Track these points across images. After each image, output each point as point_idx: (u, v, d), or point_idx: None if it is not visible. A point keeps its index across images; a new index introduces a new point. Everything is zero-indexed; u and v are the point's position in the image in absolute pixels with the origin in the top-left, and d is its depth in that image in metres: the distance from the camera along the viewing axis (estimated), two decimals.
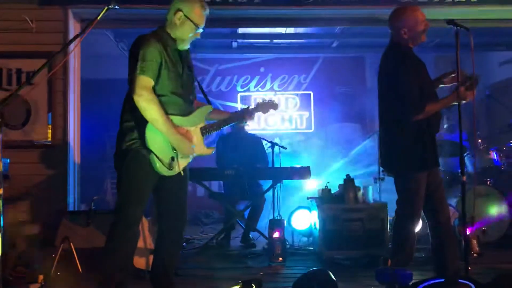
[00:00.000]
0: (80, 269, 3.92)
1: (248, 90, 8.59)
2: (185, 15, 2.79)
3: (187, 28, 2.82)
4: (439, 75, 3.43)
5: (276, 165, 5.36)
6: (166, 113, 2.75)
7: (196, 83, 3.12)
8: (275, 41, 7.11)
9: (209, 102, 3.15)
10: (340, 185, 4.57)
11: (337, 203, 4.46)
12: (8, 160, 4.00)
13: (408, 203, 3.23)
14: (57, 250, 3.92)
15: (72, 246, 3.95)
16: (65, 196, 4.67)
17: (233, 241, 5.51)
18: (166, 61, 2.75)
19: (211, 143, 7.72)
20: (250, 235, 5.51)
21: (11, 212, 4.43)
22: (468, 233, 4.29)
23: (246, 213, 5.50)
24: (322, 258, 4.38)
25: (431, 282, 2.07)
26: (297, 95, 8.61)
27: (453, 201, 5.24)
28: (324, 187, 4.55)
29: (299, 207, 5.18)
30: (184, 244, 5.53)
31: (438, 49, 7.70)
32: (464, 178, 3.04)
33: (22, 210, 4.54)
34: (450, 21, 3.10)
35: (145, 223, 4.04)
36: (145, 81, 2.66)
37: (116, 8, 2.69)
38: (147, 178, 2.80)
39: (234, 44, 7.16)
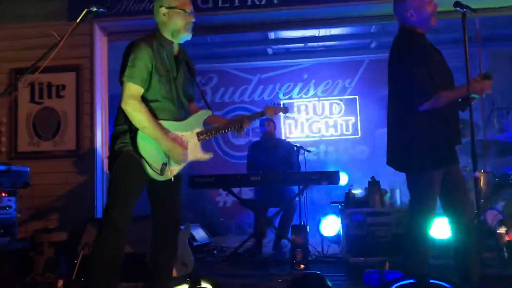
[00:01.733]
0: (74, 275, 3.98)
1: (291, 97, 8.47)
2: (167, 7, 2.77)
3: (175, 17, 2.76)
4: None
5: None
6: (157, 119, 2.72)
7: (195, 88, 3.06)
8: (313, 44, 6.96)
9: (208, 107, 3.07)
10: (365, 188, 4.32)
11: (361, 207, 4.21)
12: (28, 169, 4.16)
13: (419, 204, 2.94)
14: (78, 256, 4.02)
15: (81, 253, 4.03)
16: (93, 203, 4.79)
17: (266, 248, 5.39)
18: (157, 66, 2.72)
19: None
20: (281, 243, 5.36)
21: (41, 220, 4.64)
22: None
23: (278, 220, 5.38)
24: (347, 265, 4.14)
25: (403, 282, 1.85)
26: (341, 100, 8.36)
27: (500, 204, 4.81)
28: (348, 191, 4.31)
29: (329, 213, 4.97)
30: (215, 251, 5.52)
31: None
32: (477, 173, 2.73)
33: (52, 217, 4.71)
34: (457, 3, 2.82)
35: None
36: (132, 89, 2.64)
37: (99, 11, 2.69)
38: (136, 181, 2.77)
39: (269, 51, 7.08)
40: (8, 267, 3.81)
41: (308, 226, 4.46)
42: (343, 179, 6.64)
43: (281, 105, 3.22)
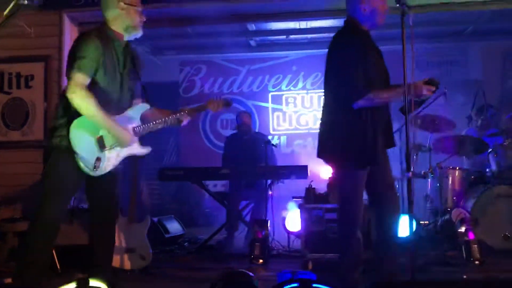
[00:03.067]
0: (58, 266, 4.02)
1: (280, 89, 8.40)
2: (126, 3, 2.81)
3: (132, 13, 2.84)
4: None
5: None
6: None
7: (138, 83, 3.05)
8: (296, 36, 6.88)
9: (147, 102, 3.06)
10: (327, 184, 4.27)
11: (321, 202, 4.16)
12: None
13: (344, 200, 2.97)
14: None
15: None
16: None
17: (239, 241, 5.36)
18: (104, 59, 2.73)
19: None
20: None
21: (6, 210, 4.69)
22: (470, 238, 3.90)
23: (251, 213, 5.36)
24: (305, 261, 4.10)
25: (286, 287, 1.81)
26: None
27: (471, 203, 4.72)
28: (308, 186, 4.26)
29: (293, 208, 4.92)
30: (186, 244, 5.53)
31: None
32: (411, 174, 2.67)
33: (18, 207, 4.75)
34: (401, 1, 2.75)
35: (121, 221, 4.04)
36: (80, 79, 2.66)
37: (25, 4, 2.66)
38: (70, 177, 2.77)
39: (252, 43, 7.02)
40: None
41: (269, 221, 4.42)
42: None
43: (225, 99, 3.18)
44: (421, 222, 5.09)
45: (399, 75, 2.77)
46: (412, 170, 2.68)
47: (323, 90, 3.07)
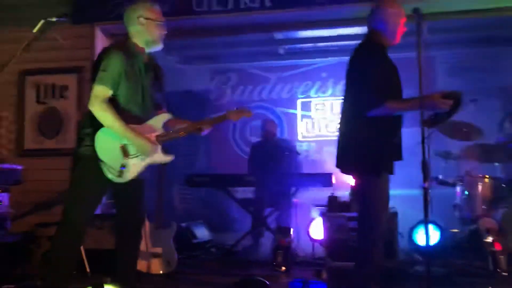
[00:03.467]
0: (88, 269, 4.18)
1: (308, 96, 8.40)
2: (145, 18, 2.92)
3: (153, 28, 2.93)
4: None
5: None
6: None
7: (161, 94, 3.15)
8: (325, 44, 6.88)
9: (169, 112, 3.16)
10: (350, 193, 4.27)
11: (343, 211, 4.17)
12: (21, 167, 4.38)
13: (367, 209, 2.94)
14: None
15: (82, 247, 4.22)
16: None
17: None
18: (127, 72, 2.84)
19: None
20: None
21: (41, 215, 4.90)
22: (497, 248, 3.83)
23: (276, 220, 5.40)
24: (328, 269, 4.11)
25: None
26: None
27: (500, 212, 4.63)
28: (331, 194, 4.28)
29: (317, 216, 4.93)
30: (212, 249, 5.62)
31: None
32: (427, 185, 2.66)
33: (54, 212, 4.94)
34: (417, 10, 2.77)
35: (148, 226, 4.16)
36: (101, 91, 2.77)
37: (60, 21, 2.81)
38: (96, 185, 2.89)
39: (281, 51, 7.08)
40: (1, 259, 4.07)
41: (292, 228, 4.46)
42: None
43: (244, 109, 3.24)
44: (452, 230, 5.03)
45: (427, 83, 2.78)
46: (430, 180, 2.65)
47: (342, 99, 3.09)
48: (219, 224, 7.28)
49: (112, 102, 2.81)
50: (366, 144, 2.86)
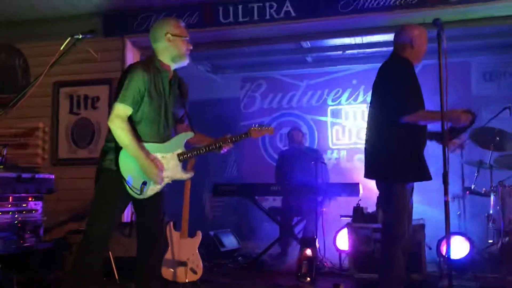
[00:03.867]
0: (117, 276, 4.29)
1: (339, 103, 8.34)
2: (172, 35, 2.97)
3: (179, 43, 2.98)
4: None
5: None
6: (141, 140, 2.90)
7: (184, 111, 3.21)
8: (352, 51, 6.84)
9: (192, 129, 3.20)
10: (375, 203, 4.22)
11: (369, 222, 4.12)
12: (53, 176, 4.53)
13: (393, 217, 2.98)
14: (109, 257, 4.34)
15: (111, 255, 4.34)
16: None
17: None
18: (150, 90, 2.90)
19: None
20: None
21: (74, 222, 5.06)
22: None
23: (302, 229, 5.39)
24: (353, 280, 4.08)
25: None
26: None
27: None
28: (356, 205, 4.24)
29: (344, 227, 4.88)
30: (239, 258, 5.65)
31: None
32: (448, 198, 2.61)
33: (84, 220, 5.09)
34: (437, 20, 2.79)
35: (174, 235, 4.23)
36: (121, 109, 2.84)
37: (80, 38, 2.90)
38: (119, 198, 2.95)
39: (309, 59, 7.08)
40: (35, 265, 4.23)
41: (317, 239, 4.43)
42: None
43: (266, 126, 3.24)
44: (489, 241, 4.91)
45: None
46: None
47: (371, 110, 3.18)
48: (248, 232, 7.33)
49: (132, 120, 2.88)
50: (394, 151, 2.94)
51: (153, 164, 2.88)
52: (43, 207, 4.34)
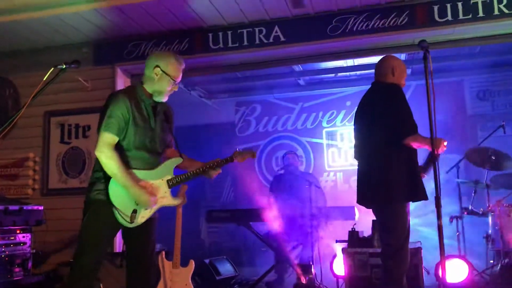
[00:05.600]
0: None
1: (334, 125, 8.31)
2: (162, 70, 2.93)
3: (164, 82, 2.95)
4: None
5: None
6: (130, 167, 2.86)
7: (170, 136, 3.17)
8: (345, 74, 6.86)
9: (180, 155, 3.16)
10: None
11: (365, 246, 4.04)
12: (42, 207, 4.47)
13: (398, 239, 2.99)
14: None
15: (101, 286, 4.24)
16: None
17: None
18: (134, 117, 2.87)
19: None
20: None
21: (64, 253, 4.96)
22: None
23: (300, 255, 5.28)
24: None
25: None
26: None
27: None
28: (351, 229, 4.16)
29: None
30: (235, 286, 5.53)
31: None
32: (441, 222, 2.55)
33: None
34: (422, 42, 2.79)
35: (166, 265, 4.14)
36: (107, 138, 2.80)
37: (64, 68, 2.88)
38: (107, 229, 2.90)
39: (301, 82, 7.08)
40: None
41: (313, 265, 4.34)
42: None
43: (250, 151, 3.21)
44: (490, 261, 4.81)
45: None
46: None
47: (365, 134, 3.23)
48: (246, 258, 7.20)
49: (120, 148, 2.84)
50: (396, 173, 2.99)
51: (143, 191, 2.84)
52: (32, 239, 4.26)
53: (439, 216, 2.56)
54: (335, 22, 4.64)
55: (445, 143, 2.96)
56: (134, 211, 2.85)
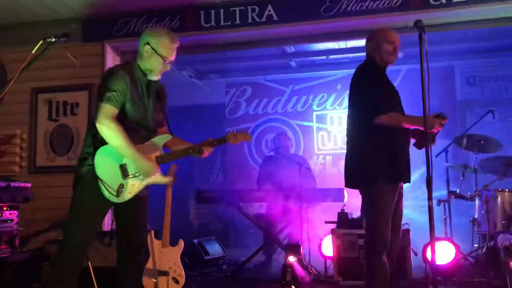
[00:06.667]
0: (96, 286, 4.16)
1: (324, 108, 8.30)
2: (152, 48, 2.86)
3: (155, 60, 2.88)
4: None
5: None
6: None
7: (162, 114, 3.13)
8: (336, 56, 6.83)
9: (170, 133, 3.13)
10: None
11: (354, 228, 4.06)
12: (30, 185, 4.41)
13: (373, 220, 2.97)
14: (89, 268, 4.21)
15: (90, 265, 4.20)
16: None
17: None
18: (132, 92, 2.84)
19: None
20: None
21: (56, 231, 4.93)
22: None
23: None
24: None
25: None
26: None
27: None
28: (341, 211, 4.17)
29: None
30: (224, 266, 5.56)
31: None
32: (431, 203, 2.55)
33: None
34: (418, 22, 2.75)
35: (155, 244, 4.12)
36: (109, 110, 2.75)
37: (53, 42, 2.81)
38: (97, 204, 2.86)
39: (293, 64, 7.04)
40: (9, 277, 4.08)
41: (301, 246, 4.35)
42: None
43: (244, 132, 3.18)
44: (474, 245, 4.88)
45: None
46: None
47: (347, 116, 3.17)
48: (234, 239, 7.23)
49: (119, 121, 2.78)
50: (370, 155, 2.90)
51: (147, 159, 2.83)
52: (19, 217, 4.21)
53: (430, 197, 2.56)
54: (329, 2, 4.60)
55: (443, 122, 2.87)
56: (121, 186, 2.82)
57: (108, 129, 2.72)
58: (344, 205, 4.31)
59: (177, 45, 2.92)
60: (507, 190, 4.83)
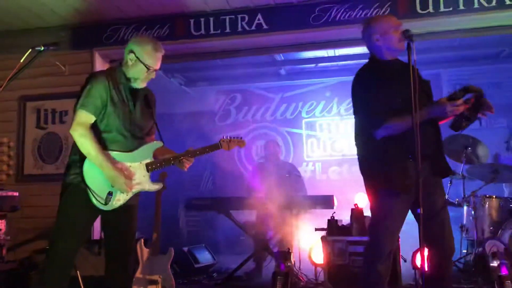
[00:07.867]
0: None
1: (314, 115, 8.35)
2: (136, 57, 2.86)
3: (138, 69, 2.87)
4: None
5: None
6: (107, 149, 2.80)
7: (152, 121, 3.10)
8: (326, 64, 6.88)
9: (161, 140, 3.11)
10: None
11: (343, 235, 4.07)
12: (17, 194, 4.37)
13: (370, 229, 2.94)
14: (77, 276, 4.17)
15: (78, 274, 4.17)
16: None
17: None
18: (112, 98, 2.81)
19: None
20: None
21: (40, 241, 4.87)
22: (503, 273, 3.69)
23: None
24: None
25: None
26: None
27: (507, 233, 4.50)
28: (330, 218, 4.19)
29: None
30: (214, 274, 5.53)
31: None
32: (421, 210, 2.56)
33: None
34: (407, 31, 2.69)
35: (145, 253, 4.10)
36: (82, 117, 2.75)
37: (42, 50, 2.80)
38: (82, 213, 2.83)
39: (282, 71, 7.08)
40: None
41: (292, 253, 4.35)
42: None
43: (238, 138, 3.18)
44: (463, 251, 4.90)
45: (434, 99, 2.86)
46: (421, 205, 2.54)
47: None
48: (225, 247, 7.20)
49: (98, 130, 2.78)
50: (372, 165, 2.84)
51: (118, 172, 2.78)
52: (6, 226, 4.16)
53: (419, 204, 2.55)
54: (318, 12, 4.64)
55: (459, 102, 2.71)
56: (110, 193, 2.80)
57: (79, 136, 2.72)
58: (334, 212, 4.32)
59: (162, 54, 2.91)
60: (494, 197, 4.88)
